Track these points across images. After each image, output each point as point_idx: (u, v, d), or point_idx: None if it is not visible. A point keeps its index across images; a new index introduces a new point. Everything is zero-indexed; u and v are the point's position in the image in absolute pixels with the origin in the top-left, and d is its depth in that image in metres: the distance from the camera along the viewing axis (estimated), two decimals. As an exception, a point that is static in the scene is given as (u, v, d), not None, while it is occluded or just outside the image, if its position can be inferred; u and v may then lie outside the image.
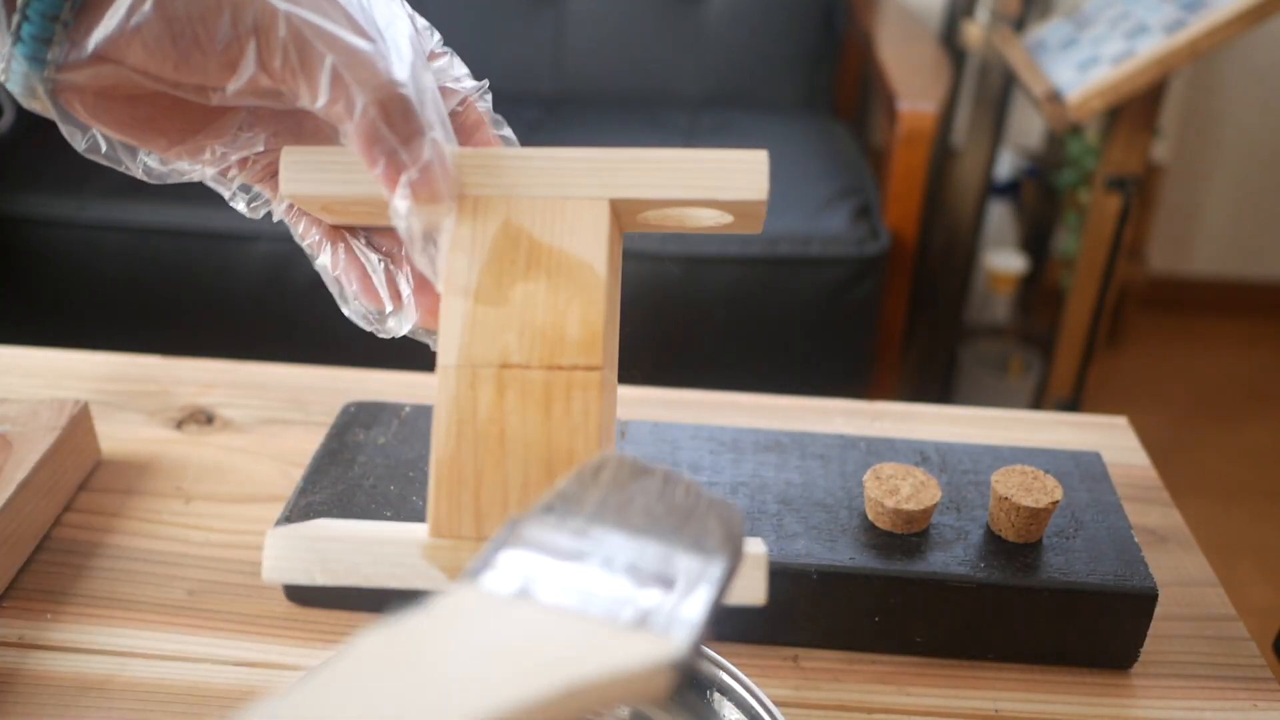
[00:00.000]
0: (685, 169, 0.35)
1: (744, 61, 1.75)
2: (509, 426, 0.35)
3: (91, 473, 0.59)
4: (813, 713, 0.47)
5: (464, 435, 0.36)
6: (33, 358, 0.70)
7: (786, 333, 1.35)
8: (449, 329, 0.36)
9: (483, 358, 0.36)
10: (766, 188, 0.35)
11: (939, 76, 1.50)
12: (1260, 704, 0.48)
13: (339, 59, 0.32)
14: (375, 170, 0.34)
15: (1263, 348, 2.19)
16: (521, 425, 0.35)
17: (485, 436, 0.35)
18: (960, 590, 0.47)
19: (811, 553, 0.48)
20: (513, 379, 0.35)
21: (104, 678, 0.47)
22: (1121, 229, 1.35)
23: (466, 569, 0.27)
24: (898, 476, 0.50)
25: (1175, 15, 1.26)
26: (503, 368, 0.35)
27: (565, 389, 0.35)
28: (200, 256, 1.34)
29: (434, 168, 0.34)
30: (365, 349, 1.45)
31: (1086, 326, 1.43)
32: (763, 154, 0.35)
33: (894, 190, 1.37)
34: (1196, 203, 2.20)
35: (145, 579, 0.52)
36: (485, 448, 0.35)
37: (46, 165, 1.41)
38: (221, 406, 0.66)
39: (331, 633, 0.50)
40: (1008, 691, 0.48)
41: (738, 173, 0.35)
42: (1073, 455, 0.56)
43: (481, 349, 0.36)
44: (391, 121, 0.33)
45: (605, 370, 0.36)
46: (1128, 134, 1.31)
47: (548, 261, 0.35)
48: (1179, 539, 0.57)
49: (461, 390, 0.36)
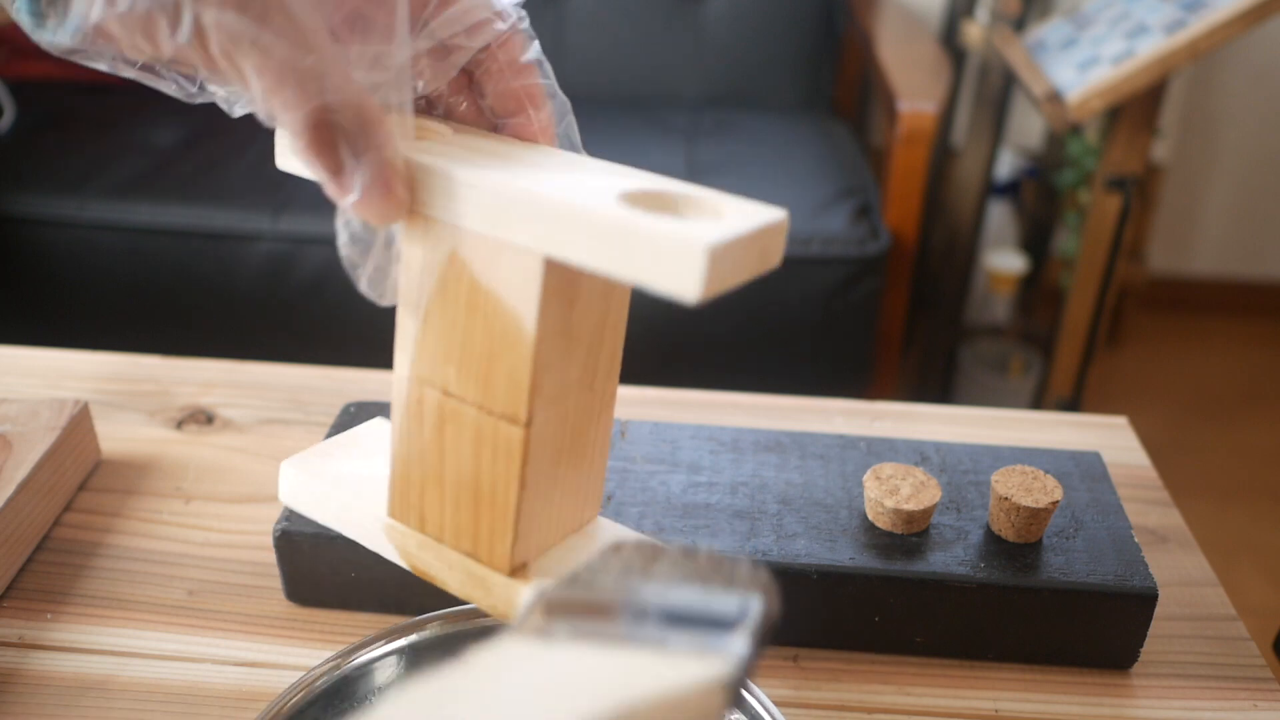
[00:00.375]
0: (621, 241, 0.29)
1: (744, 61, 1.75)
2: (446, 451, 0.36)
3: (91, 473, 0.59)
4: (813, 713, 0.47)
5: (413, 445, 0.37)
6: (33, 358, 0.70)
7: (786, 333, 1.35)
8: (403, 340, 0.36)
9: (429, 379, 0.36)
10: (699, 288, 0.28)
11: (939, 76, 1.50)
12: (1260, 704, 0.48)
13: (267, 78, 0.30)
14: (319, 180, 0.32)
15: (1263, 348, 2.20)
16: (456, 455, 0.36)
17: (428, 452, 0.36)
18: (960, 590, 0.47)
19: (811, 553, 0.48)
20: (451, 410, 0.35)
21: (104, 678, 0.47)
22: (1121, 229, 1.35)
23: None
24: (898, 476, 0.50)
25: (1175, 15, 1.26)
26: (444, 394, 0.35)
27: (492, 435, 0.35)
28: (200, 256, 1.34)
29: (373, 191, 0.32)
30: (365, 349, 1.45)
31: (1086, 326, 1.43)
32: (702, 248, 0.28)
33: (894, 190, 1.37)
34: (1196, 203, 2.20)
35: (145, 579, 0.52)
36: (428, 462, 0.37)
37: (46, 165, 1.41)
38: (221, 406, 0.66)
39: (331, 633, 0.50)
40: (1008, 691, 0.48)
41: (674, 261, 0.29)
42: (1073, 455, 0.56)
43: (429, 370, 0.36)
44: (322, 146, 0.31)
45: (541, 426, 0.34)
46: (1128, 134, 1.31)
47: (485, 306, 0.34)
48: (1179, 539, 0.57)
49: (412, 403, 0.37)
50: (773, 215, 0.31)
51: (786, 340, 1.36)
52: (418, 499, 0.38)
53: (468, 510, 0.36)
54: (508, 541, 0.35)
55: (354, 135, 0.31)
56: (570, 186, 0.32)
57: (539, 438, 0.34)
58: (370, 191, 0.32)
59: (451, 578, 0.37)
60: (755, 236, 0.30)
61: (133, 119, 1.55)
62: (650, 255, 0.29)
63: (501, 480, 0.35)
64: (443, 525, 0.37)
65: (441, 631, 0.44)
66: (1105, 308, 1.42)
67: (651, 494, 0.52)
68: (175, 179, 1.40)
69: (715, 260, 0.28)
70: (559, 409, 0.35)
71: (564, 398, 0.35)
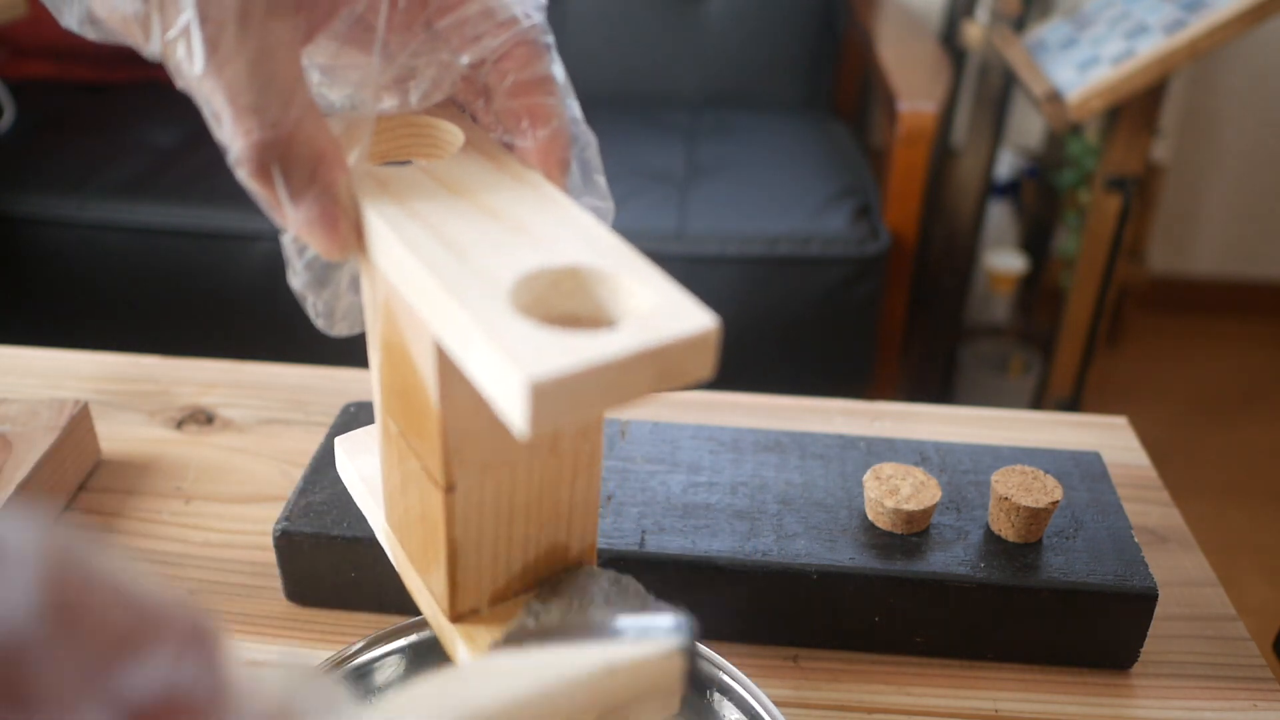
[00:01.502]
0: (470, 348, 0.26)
1: (744, 61, 1.75)
2: (408, 487, 0.36)
3: (91, 473, 0.59)
4: (813, 713, 0.47)
5: (391, 475, 0.37)
6: (33, 358, 0.69)
7: (786, 333, 1.35)
8: (374, 375, 0.36)
9: (390, 413, 0.36)
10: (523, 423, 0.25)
11: (939, 76, 1.50)
12: (1260, 704, 0.48)
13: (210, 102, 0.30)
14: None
15: (1263, 348, 2.19)
16: (417, 497, 0.35)
17: (400, 488, 0.37)
18: (960, 590, 0.47)
19: (811, 553, 0.48)
20: (402, 449, 0.35)
21: (104, 678, 0.47)
22: (1121, 229, 1.35)
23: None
24: (898, 476, 0.50)
25: (1175, 15, 1.26)
26: (400, 434, 0.35)
27: (428, 490, 0.33)
28: (200, 256, 1.34)
29: (315, 227, 0.31)
30: (365, 350, 1.45)
31: (1086, 326, 1.43)
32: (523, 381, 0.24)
33: (894, 190, 1.37)
34: (1196, 203, 2.20)
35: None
36: (395, 491, 0.37)
37: (46, 165, 1.41)
38: (221, 406, 0.66)
39: (332, 633, 0.50)
40: (1008, 691, 0.48)
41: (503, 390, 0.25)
42: (1073, 455, 0.56)
43: (388, 406, 0.36)
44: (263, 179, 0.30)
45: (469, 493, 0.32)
46: (1128, 134, 1.31)
47: (408, 364, 0.32)
48: (1179, 539, 0.57)
49: (385, 438, 0.37)
50: (693, 326, 0.26)
51: (786, 340, 1.36)
52: (397, 518, 0.38)
53: (420, 547, 0.36)
54: (445, 590, 0.34)
55: (296, 171, 0.30)
56: (477, 261, 0.28)
57: (468, 503, 0.33)
58: (310, 227, 0.31)
59: (421, 600, 0.37)
60: (642, 358, 0.25)
61: (133, 119, 1.55)
62: (485, 373, 0.26)
63: (438, 534, 0.34)
64: (412, 550, 0.37)
65: (441, 631, 0.44)
66: (1105, 308, 1.42)
67: (651, 494, 0.52)
68: (175, 179, 1.40)
69: (544, 396, 0.24)
70: (497, 475, 0.33)
71: (504, 463, 0.33)
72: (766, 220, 1.35)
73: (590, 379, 0.25)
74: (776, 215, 1.36)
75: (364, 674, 0.43)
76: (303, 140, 0.30)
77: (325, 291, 0.36)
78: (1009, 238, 1.96)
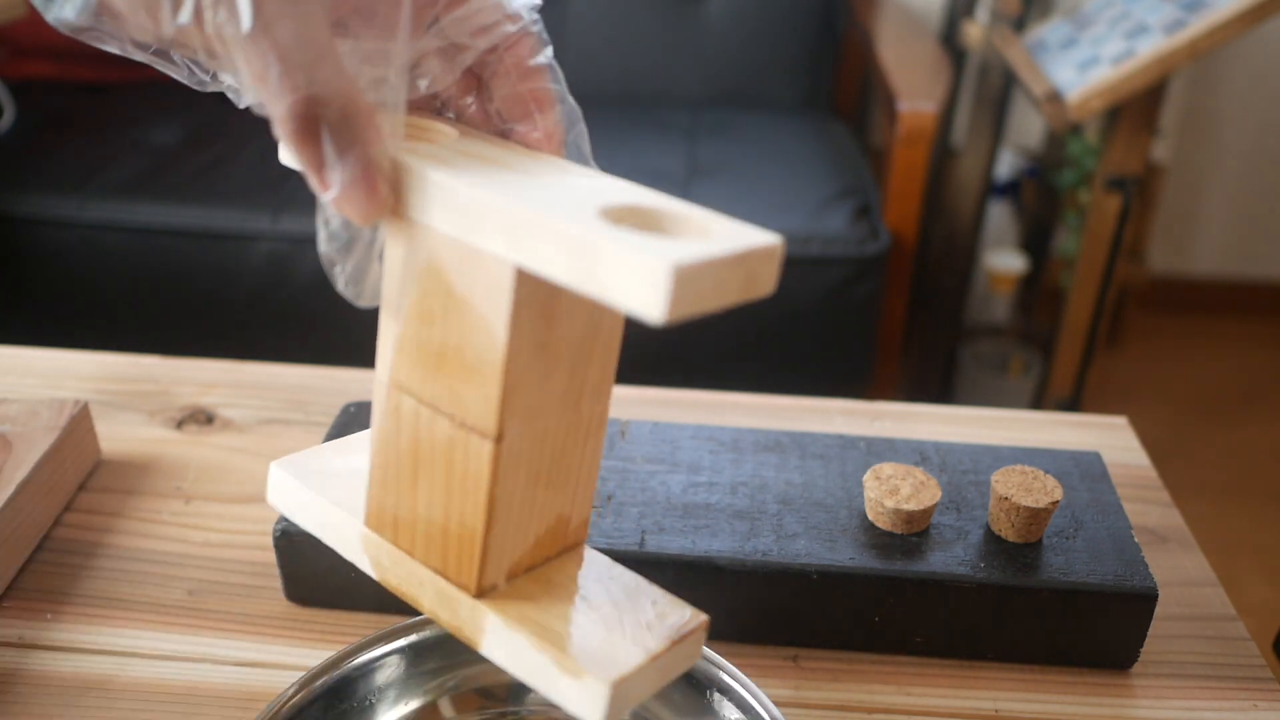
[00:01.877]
0: (587, 255, 0.28)
1: (744, 61, 1.75)
2: (420, 462, 0.35)
3: (91, 473, 0.59)
4: (813, 713, 0.47)
5: (389, 453, 0.36)
6: (33, 358, 0.70)
7: (786, 333, 1.35)
8: (384, 344, 0.35)
9: (407, 385, 0.35)
10: (662, 310, 0.27)
11: (939, 76, 1.50)
12: (1260, 704, 0.48)
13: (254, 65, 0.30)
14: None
15: (1263, 348, 2.20)
16: (430, 466, 0.35)
17: (404, 463, 0.36)
18: (960, 590, 0.47)
19: (811, 553, 0.48)
20: (426, 419, 0.35)
21: (104, 678, 0.47)
22: (1121, 229, 1.35)
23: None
24: (898, 476, 0.50)
25: (1175, 15, 1.26)
26: (420, 402, 0.35)
27: (464, 448, 0.34)
28: (200, 256, 1.34)
29: (355, 188, 0.31)
30: (365, 349, 1.45)
31: (1086, 326, 1.43)
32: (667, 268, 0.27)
33: (894, 190, 1.37)
34: (1196, 203, 2.20)
35: (145, 579, 0.52)
36: (403, 473, 0.36)
37: (46, 165, 1.41)
38: (221, 406, 0.66)
39: (332, 633, 0.50)
40: (1008, 691, 0.48)
41: (637, 280, 0.27)
42: (1073, 455, 0.56)
43: (406, 377, 0.35)
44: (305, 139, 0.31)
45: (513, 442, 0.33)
46: (1128, 134, 1.31)
47: (459, 314, 0.33)
48: (1179, 539, 0.57)
49: (390, 409, 0.36)
50: (763, 239, 0.29)
51: (786, 340, 1.36)
52: (392, 510, 0.37)
53: (439, 526, 0.35)
54: (475, 561, 0.34)
55: (340, 130, 0.31)
56: (550, 197, 0.31)
57: (510, 455, 0.33)
58: (352, 188, 0.31)
59: (423, 595, 0.36)
60: (736, 260, 0.28)
61: (133, 119, 1.55)
62: (615, 271, 0.28)
63: (471, 497, 0.34)
64: (414, 539, 0.36)
65: (441, 631, 0.44)
66: (1105, 308, 1.42)
67: (651, 494, 0.52)
68: (175, 179, 1.40)
69: (682, 282, 0.27)
70: (535, 427, 0.34)
71: (542, 415, 0.34)
72: (766, 220, 1.34)
73: (712, 272, 0.28)
74: (776, 215, 1.36)
75: (364, 674, 0.43)
76: (348, 99, 0.31)
77: (352, 259, 0.37)
78: (1009, 238, 1.96)
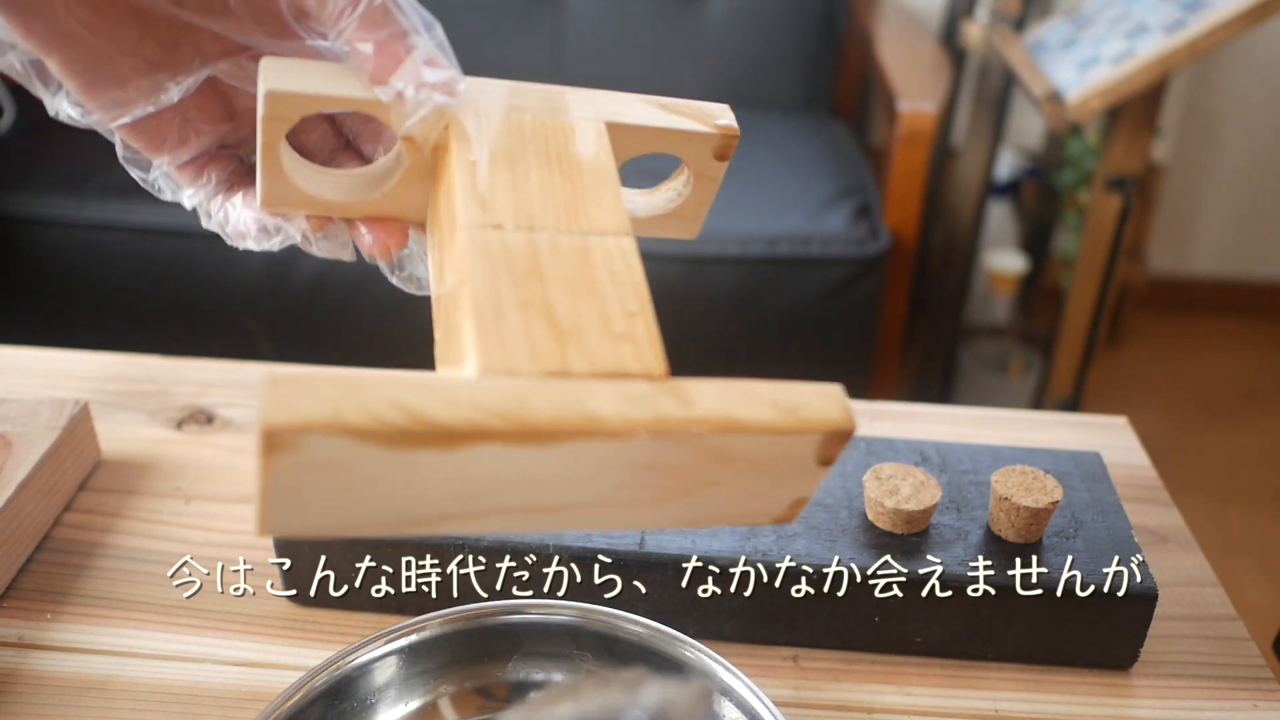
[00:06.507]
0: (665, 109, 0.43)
1: (744, 61, 1.75)
2: (547, 285, 0.33)
3: (91, 473, 0.59)
4: (813, 713, 0.47)
5: (498, 272, 0.32)
6: (33, 358, 0.70)
7: (786, 333, 1.35)
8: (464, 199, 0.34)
9: (507, 219, 0.34)
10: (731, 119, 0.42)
11: (939, 76, 1.50)
12: (1260, 704, 0.48)
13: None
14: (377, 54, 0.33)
15: (1263, 348, 2.19)
16: (561, 285, 0.33)
17: (525, 286, 0.32)
18: (960, 590, 0.47)
19: (811, 552, 0.48)
20: (544, 240, 0.34)
21: (104, 678, 0.47)
22: (1121, 229, 1.35)
23: None
24: (898, 476, 0.50)
25: (1175, 15, 1.26)
26: (531, 230, 0.34)
27: (602, 249, 0.34)
28: (200, 256, 1.34)
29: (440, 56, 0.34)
30: (365, 349, 1.45)
31: (1086, 326, 1.43)
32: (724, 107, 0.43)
33: (894, 190, 1.37)
34: (1196, 203, 2.20)
35: (145, 579, 0.52)
36: (529, 295, 0.32)
37: (46, 165, 1.41)
38: (221, 406, 0.66)
39: (332, 633, 0.50)
40: (1008, 691, 0.48)
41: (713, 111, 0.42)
42: (1073, 455, 0.56)
43: (504, 214, 0.34)
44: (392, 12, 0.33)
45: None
46: (1128, 134, 1.31)
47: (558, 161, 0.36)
48: (1179, 539, 0.57)
49: (490, 240, 0.33)
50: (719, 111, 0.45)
51: (786, 340, 1.36)
52: (523, 336, 0.31)
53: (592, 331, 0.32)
54: (657, 342, 0.32)
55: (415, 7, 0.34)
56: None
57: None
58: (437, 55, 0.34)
59: (603, 406, 0.30)
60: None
61: (133, 119, 1.55)
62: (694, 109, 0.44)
63: (627, 288, 0.33)
64: (565, 353, 0.31)
65: (441, 631, 0.44)
66: (1105, 308, 1.42)
67: (651, 494, 0.52)
68: (175, 179, 1.40)
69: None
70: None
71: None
72: (766, 220, 1.34)
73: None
74: (776, 215, 1.36)
75: (364, 674, 0.43)
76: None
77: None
78: (1009, 238, 1.96)
